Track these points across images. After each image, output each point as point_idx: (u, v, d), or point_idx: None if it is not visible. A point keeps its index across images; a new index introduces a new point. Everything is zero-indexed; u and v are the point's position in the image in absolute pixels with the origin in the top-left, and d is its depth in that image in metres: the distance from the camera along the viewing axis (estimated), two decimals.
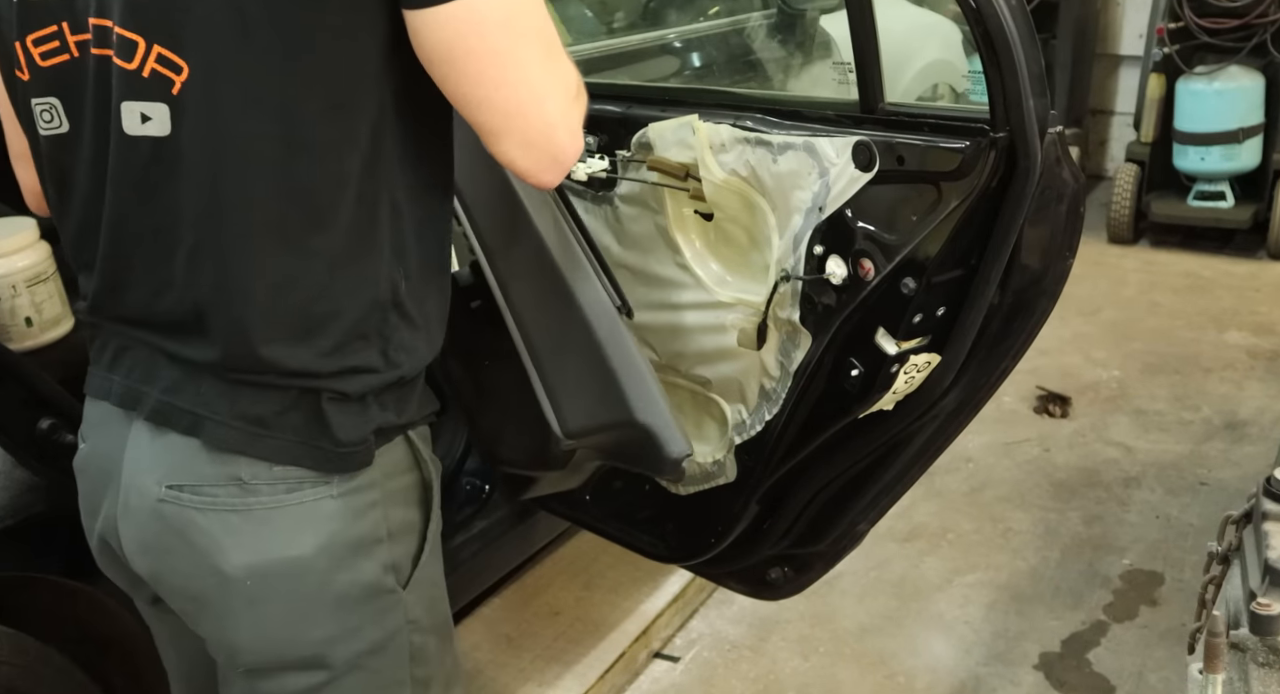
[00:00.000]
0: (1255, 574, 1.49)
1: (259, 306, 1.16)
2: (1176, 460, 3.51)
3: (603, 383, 1.74)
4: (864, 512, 1.93)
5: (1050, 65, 5.37)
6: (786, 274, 1.73)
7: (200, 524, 1.20)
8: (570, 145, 1.18)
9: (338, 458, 1.20)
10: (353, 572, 1.24)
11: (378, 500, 1.25)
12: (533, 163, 1.16)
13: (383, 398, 1.23)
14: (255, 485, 1.19)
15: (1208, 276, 4.99)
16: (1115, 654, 2.68)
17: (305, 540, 1.21)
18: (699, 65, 3.22)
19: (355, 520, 1.23)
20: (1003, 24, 1.43)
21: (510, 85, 1.12)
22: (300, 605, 1.23)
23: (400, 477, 1.28)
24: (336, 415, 1.19)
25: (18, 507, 1.74)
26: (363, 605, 1.25)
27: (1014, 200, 1.50)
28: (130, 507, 1.25)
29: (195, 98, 1.12)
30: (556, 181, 1.20)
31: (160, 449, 1.22)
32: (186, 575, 1.25)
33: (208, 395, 1.20)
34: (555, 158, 1.17)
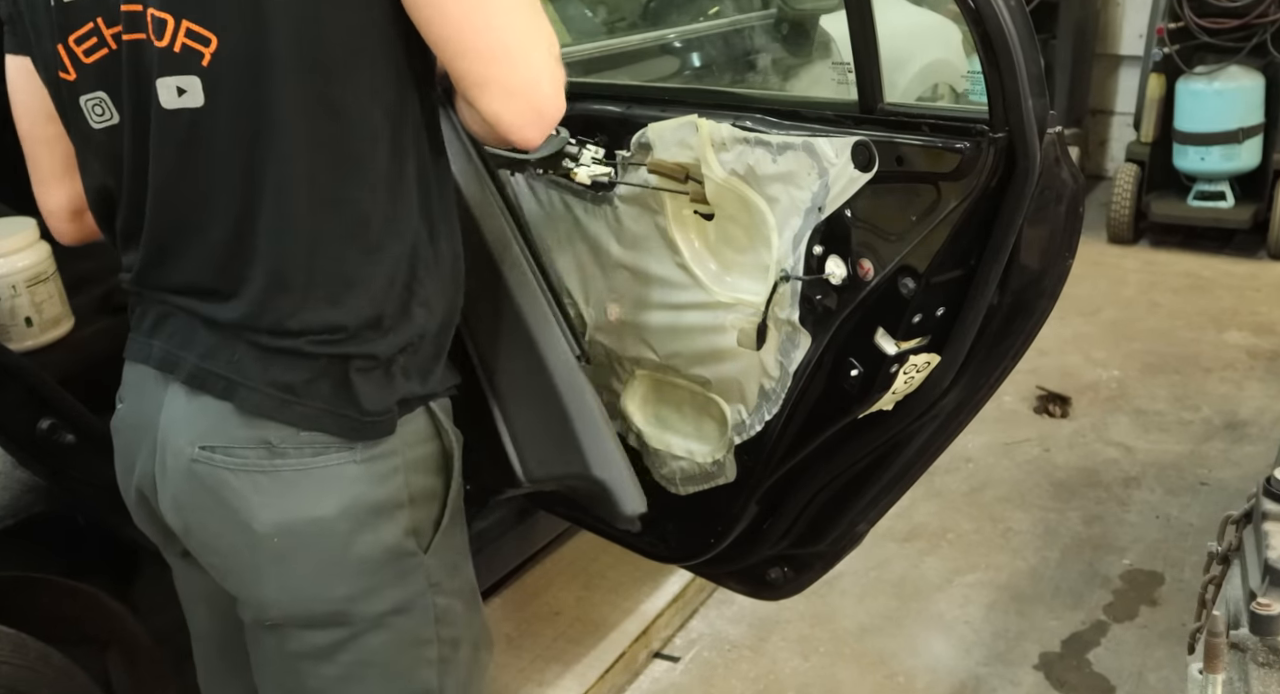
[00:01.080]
0: (1255, 574, 1.49)
1: (297, 260, 1.21)
2: (1176, 460, 3.51)
3: (560, 434, 1.78)
4: (864, 512, 1.93)
5: (1050, 65, 5.38)
6: (786, 274, 1.73)
7: (232, 483, 1.26)
8: (554, 99, 1.17)
9: (362, 426, 1.26)
10: (374, 533, 1.29)
11: (399, 467, 1.29)
12: (515, 114, 1.16)
13: (407, 365, 1.28)
14: (283, 448, 1.24)
15: (1208, 276, 4.99)
16: (1115, 654, 2.68)
17: (329, 502, 1.26)
18: (699, 65, 3.21)
19: (377, 485, 1.28)
20: (1002, 24, 1.43)
21: (495, 30, 1.13)
22: (324, 563, 1.28)
23: (421, 445, 1.33)
24: (363, 385, 1.24)
25: (18, 507, 1.74)
26: (384, 566, 1.31)
27: (1013, 200, 1.50)
28: (166, 465, 1.31)
29: (224, 67, 1.17)
30: (539, 138, 1.18)
31: (195, 411, 1.28)
32: (217, 532, 1.30)
33: (242, 362, 1.25)
34: (539, 110, 1.16)
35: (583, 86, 2.24)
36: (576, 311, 2.09)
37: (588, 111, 1.98)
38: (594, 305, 2.05)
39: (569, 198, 2.03)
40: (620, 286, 1.98)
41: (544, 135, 1.18)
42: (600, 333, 2.04)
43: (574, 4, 3.16)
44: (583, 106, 2.00)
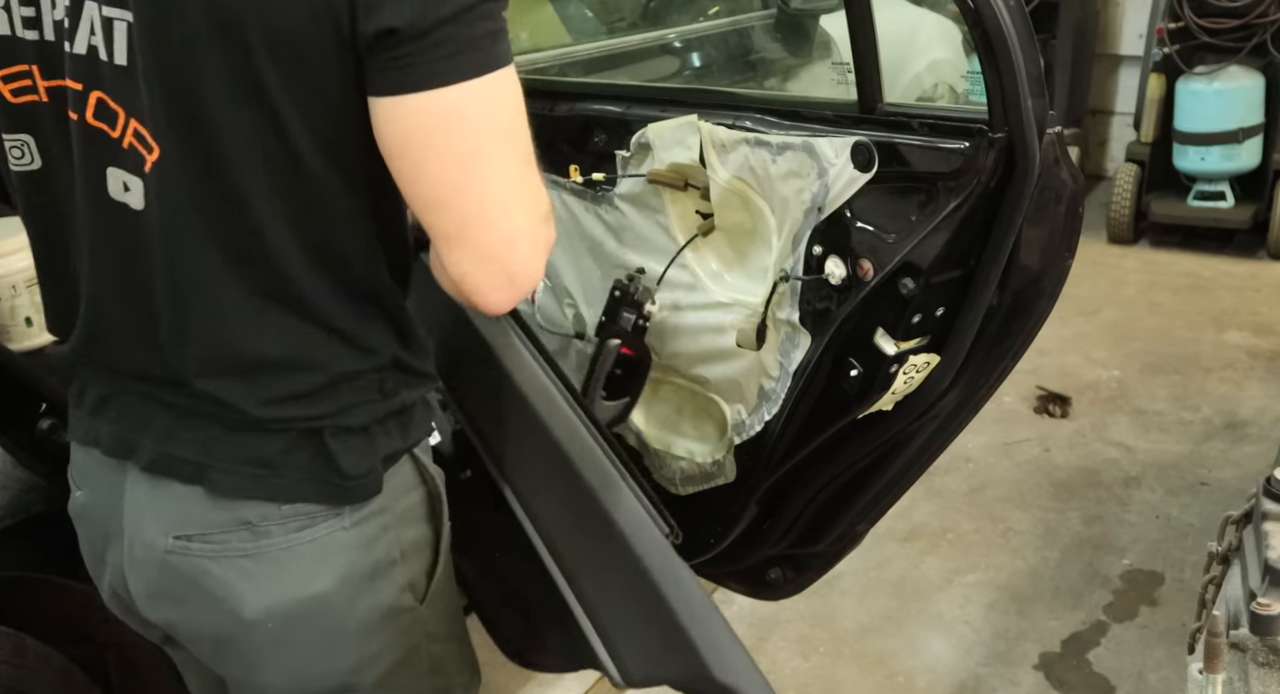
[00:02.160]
0: (1255, 574, 1.49)
1: (249, 367, 1.14)
2: (1176, 460, 3.51)
3: (666, 630, 1.46)
4: (864, 512, 1.93)
5: (1050, 65, 5.37)
6: (786, 274, 1.73)
7: (214, 572, 1.18)
8: (530, 265, 1.08)
9: (347, 491, 1.19)
10: (371, 597, 1.23)
11: (389, 524, 1.23)
12: (485, 278, 1.07)
13: (386, 424, 1.21)
14: (265, 527, 1.17)
15: (1208, 276, 4.99)
16: (1115, 654, 2.68)
17: (323, 577, 1.19)
18: (699, 65, 3.21)
19: (369, 548, 1.22)
20: (1001, 24, 1.43)
21: (473, 189, 1.03)
22: (326, 639, 1.23)
23: (408, 495, 1.26)
24: (341, 449, 1.17)
25: (18, 507, 1.74)
26: (384, 628, 1.25)
27: (1013, 201, 1.51)
28: (137, 559, 1.23)
29: (162, 179, 1.10)
30: (507, 306, 1.10)
31: (162, 499, 1.20)
32: (205, 623, 1.24)
33: (209, 443, 1.17)
34: (511, 276, 1.07)
35: (583, 86, 2.24)
36: (576, 312, 2.09)
37: (588, 111, 1.98)
38: (594, 305, 2.05)
39: (569, 198, 2.03)
40: None
41: (513, 302, 1.10)
42: None
43: (574, 4, 3.16)
44: (583, 106, 2.00)
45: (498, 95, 1.03)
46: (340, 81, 1.03)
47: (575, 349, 2.12)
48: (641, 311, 1.89)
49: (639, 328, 1.90)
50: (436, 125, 1.01)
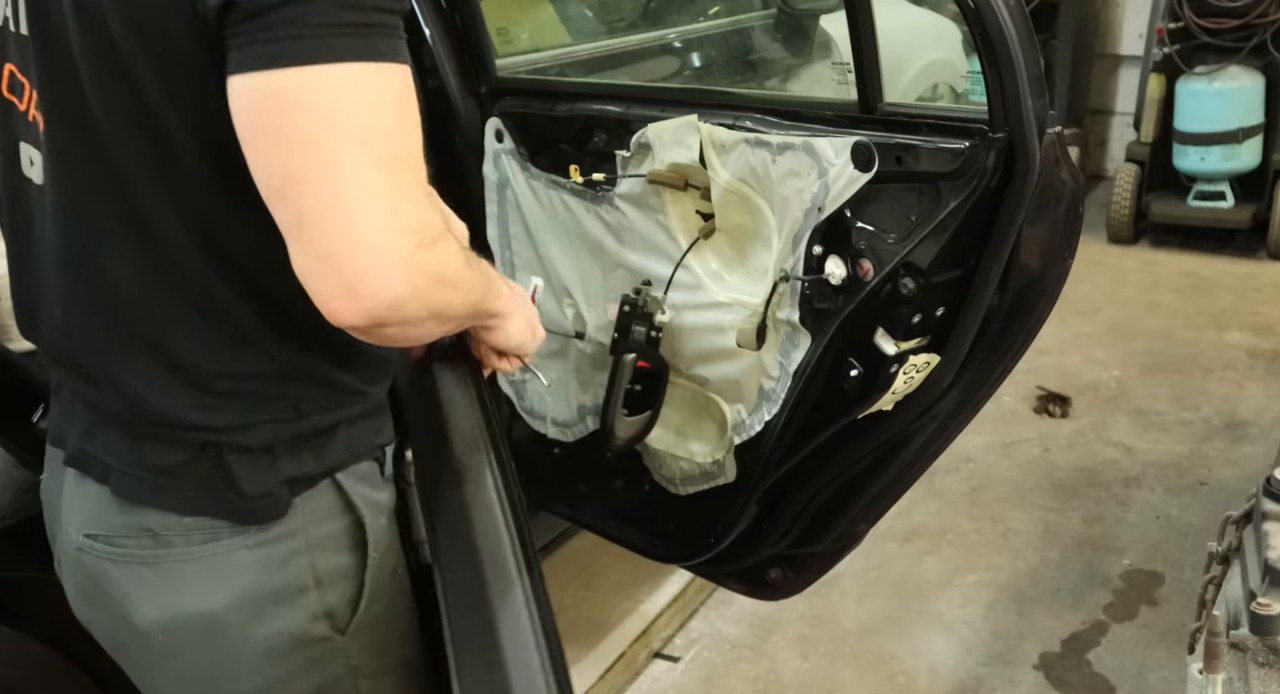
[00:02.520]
0: (1255, 574, 1.49)
1: (148, 368, 1.11)
2: (1176, 460, 3.51)
3: None
4: (863, 512, 1.93)
5: (1050, 65, 5.37)
6: (786, 274, 1.73)
7: (113, 575, 1.16)
8: (379, 281, 0.95)
9: (247, 510, 1.14)
10: (275, 622, 1.17)
11: (301, 548, 1.17)
12: (320, 282, 0.96)
13: (294, 447, 1.15)
14: (167, 536, 1.14)
15: (1208, 276, 4.99)
16: (1115, 654, 2.68)
17: (217, 594, 1.15)
18: (699, 65, 3.21)
19: (275, 570, 1.16)
20: (1001, 24, 1.43)
21: (311, 183, 0.94)
22: (218, 659, 1.18)
23: (327, 522, 1.19)
24: (240, 468, 1.13)
25: (18, 507, 1.74)
26: (291, 655, 1.19)
27: (1013, 201, 1.50)
28: (62, 553, 1.23)
29: (51, 154, 1.08)
30: (353, 318, 0.97)
31: (80, 496, 1.18)
32: (106, 626, 1.22)
33: (114, 444, 1.15)
34: (351, 288, 0.95)
35: (583, 86, 2.24)
36: (576, 312, 2.09)
37: (588, 111, 1.98)
38: (594, 305, 2.05)
39: (569, 198, 2.03)
40: (620, 286, 1.98)
41: (364, 318, 0.97)
42: (600, 333, 2.04)
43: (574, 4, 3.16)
44: (583, 106, 2.00)
45: (355, 89, 0.95)
46: (198, 56, 0.98)
47: (575, 349, 2.12)
48: (652, 323, 1.89)
49: (652, 339, 1.90)
50: (273, 108, 0.94)
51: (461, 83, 2.15)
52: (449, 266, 1.03)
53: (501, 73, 2.17)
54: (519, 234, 2.15)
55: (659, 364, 1.93)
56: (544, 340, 1.42)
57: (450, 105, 2.15)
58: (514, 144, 2.09)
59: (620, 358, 1.90)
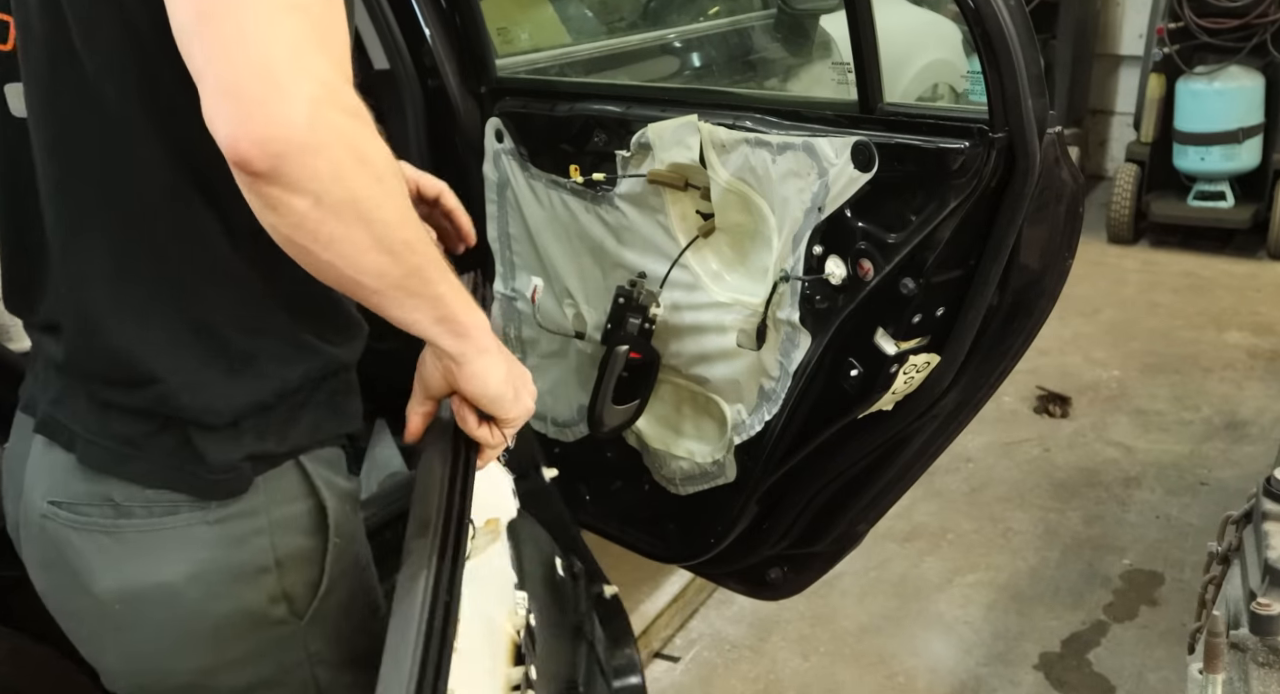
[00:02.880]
0: (1255, 574, 1.49)
1: (113, 332, 1.10)
2: (1176, 460, 3.51)
3: None
4: (863, 512, 1.93)
5: (1050, 65, 5.37)
6: (786, 274, 1.73)
7: (75, 543, 1.15)
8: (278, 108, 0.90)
9: (209, 484, 1.14)
10: (231, 601, 1.17)
11: (263, 527, 1.17)
12: (223, 119, 0.91)
13: (257, 423, 1.14)
14: (129, 507, 1.13)
15: (1208, 276, 4.99)
16: (1115, 654, 2.68)
17: (176, 567, 1.14)
18: (699, 65, 3.21)
19: (234, 548, 1.16)
20: (1001, 24, 1.43)
21: (218, 17, 0.91)
22: (172, 633, 1.17)
23: (290, 504, 1.19)
24: (203, 441, 1.12)
25: None
26: (246, 636, 1.19)
27: (1013, 200, 1.51)
28: (24, 519, 1.22)
29: (28, 76, 1.08)
30: (260, 160, 0.91)
31: (47, 463, 1.18)
32: (64, 595, 1.21)
33: (81, 411, 1.14)
34: (250, 113, 0.90)
35: (583, 86, 2.24)
36: (576, 311, 2.09)
37: (588, 111, 1.99)
38: (594, 305, 2.05)
39: (569, 197, 2.03)
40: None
41: (267, 160, 0.91)
42: (600, 333, 2.04)
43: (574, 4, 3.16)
44: (583, 106, 2.00)
45: None
46: None
47: (575, 349, 2.12)
48: (646, 315, 1.90)
49: (645, 331, 1.91)
50: None
51: (461, 83, 2.15)
52: (371, 149, 0.98)
53: (501, 73, 2.17)
54: (519, 234, 2.15)
55: (650, 356, 1.94)
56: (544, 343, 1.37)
57: (450, 105, 2.15)
58: (514, 144, 2.09)
59: (613, 348, 1.91)
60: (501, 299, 2.22)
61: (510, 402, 1.20)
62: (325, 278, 1.01)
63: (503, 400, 1.19)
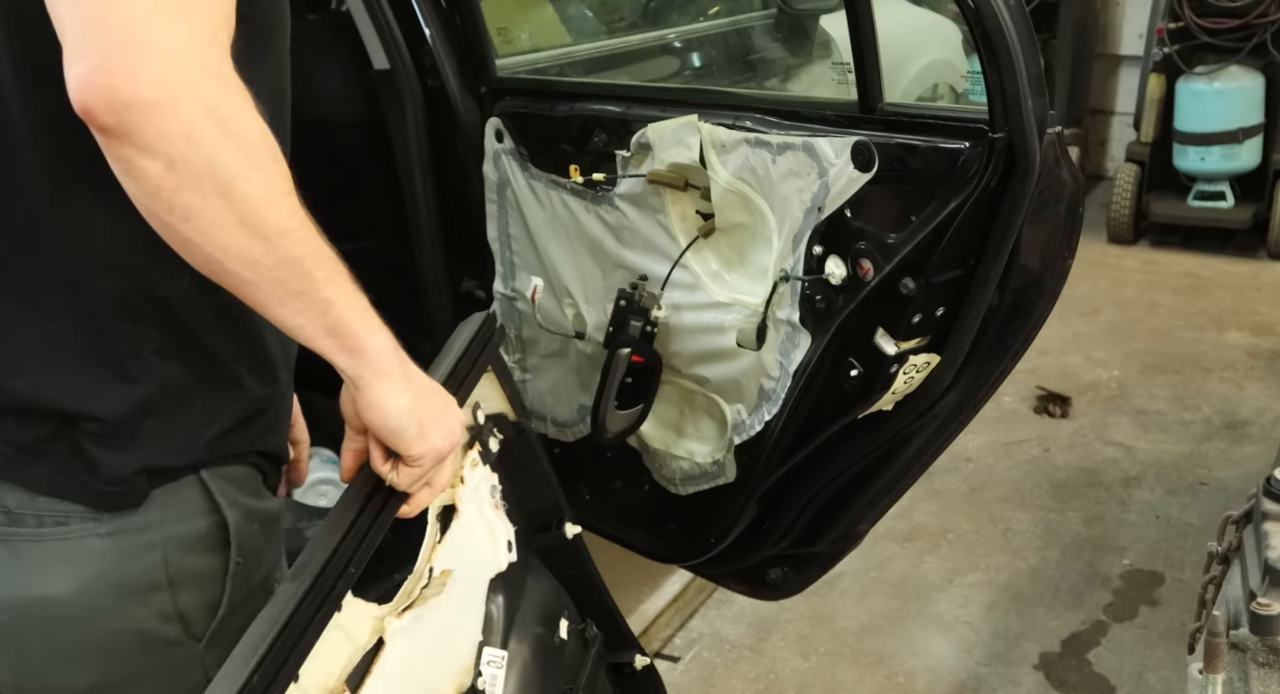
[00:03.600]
0: (1255, 574, 1.49)
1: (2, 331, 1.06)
2: (1176, 460, 3.51)
3: None
4: (864, 512, 1.93)
5: (1050, 65, 5.37)
6: (786, 274, 1.73)
7: None
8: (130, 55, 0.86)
9: (102, 495, 1.09)
10: (120, 618, 1.12)
11: (156, 543, 1.12)
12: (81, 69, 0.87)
13: (154, 431, 1.10)
14: (21, 515, 1.09)
15: (1208, 276, 4.99)
16: (1115, 654, 2.68)
17: (62, 580, 1.10)
18: (699, 65, 3.21)
19: (125, 562, 1.11)
20: (1001, 24, 1.43)
21: None
22: (60, 647, 1.13)
23: (188, 521, 1.14)
24: (96, 449, 1.08)
25: None
26: (136, 656, 1.14)
27: (1013, 201, 1.51)
28: None
29: None
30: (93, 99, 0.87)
31: None
32: None
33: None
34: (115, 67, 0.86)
35: (583, 86, 2.24)
36: (576, 311, 2.09)
37: (588, 111, 1.99)
38: (594, 305, 2.05)
39: (569, 197, 2.03)
40: (619, 286, 1.98)
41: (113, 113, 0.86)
42: (600, 333, 2.04)
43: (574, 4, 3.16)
44: (583, 106, 2.00)
45: None
46: None
47: (575, 349, 2.12)
48: (648, 318, 1.90)
49: (647, 334, 1.91)
50: None
51: (461, 83, 2.15)
52: (237, 117, 0.91)
53: (501, 73, 2.17)
54: (519, 234, 2.15)
55: (653, 359, 1.93)
56: (548, 336, 1.30)
57: (450, 105, 2.15)
58: (514, 144, 2.09)
59: (615, 352, 1.91)
60: (501, 299, 2.22)
61: (413, 437, 1.09)
62: (191, 259, 0.95)
63: (403, 434, 1.08)
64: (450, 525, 1.27)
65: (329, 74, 2.41)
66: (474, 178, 2.16)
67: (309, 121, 2.46)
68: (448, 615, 1.25)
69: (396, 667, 1.11)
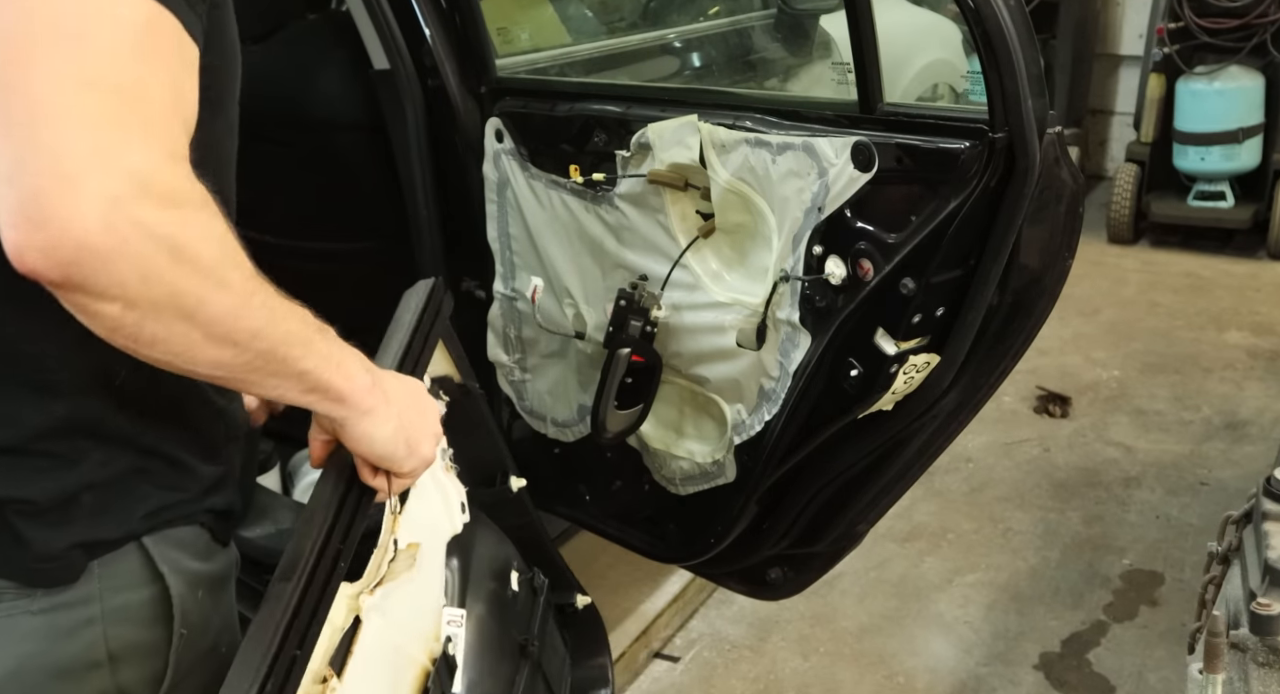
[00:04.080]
0: (1255, 574, 1.49)
1: None
2: (1176, 460, 3.51)
3: None
4: (863, 512, 1.93)
5: (1050, 65, 5.37)
6: (786, 274, 1.73)
7: None
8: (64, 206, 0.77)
9: (34, 572, 1.02)
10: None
11: (94, 617, 1.05)
12: (14, 218, 0.79)
13: (89, 505, 1.03)
14: None
15: (1208, 276, 4.99)
16: (1115, 654, 2.68)
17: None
18: (699, 65, 3.21)
19: (61, 641, 1.04)
20: (1001, 24, 1.43)
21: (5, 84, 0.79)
22: None
23: (129, 592, 1.07)
24: (25, 526, 1.01)
25: None
26: None
27: (1013, 200, 1.51)
28: None
29: None
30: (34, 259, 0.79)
31: None
32: None
33: None
34: (32, 210, 0.78)
35: (583, 86, 2.24)
36: (576, 311, 2.09)
37: (588, 111, 1.99)
38: (594, 305, 2.05)
39: (569, 198, 2.03)
40: (619, 286, 1.98)
41: (59, 270, 0.79)
42: (600, 333, 2.04)
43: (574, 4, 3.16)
44: (583, 106, 2.00)
45: None
46: None
47: (575, 349, 2.12)
48: (648, 317, 1.90)
49: (647, 334, 1.91)
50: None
51: (461, 83, 2.15)
52: (194, 242, 0.84)
53: (501, 73, 2.17)
54: (519, 234, 2.15)
55: (653, 359, 1.93)
56: (544, 341, 1.30)
57: (450, 105, 2.15)
58: (514, 144, 2.09)
59: (615, 352, 1.91)
60: (501, 299, 2.22)
61: (402, 457, 1.09)
62: (164, 367, 0.90)
63: (393, 458, 1.09)
64: (408, 496, 1.26)
65: (329, 74, 2.41)
66: (474, 178, 2.16)
67: (309, 121, 2.48)
68: (416, 585, 1.25)
69: (374, 643, 1.10)
